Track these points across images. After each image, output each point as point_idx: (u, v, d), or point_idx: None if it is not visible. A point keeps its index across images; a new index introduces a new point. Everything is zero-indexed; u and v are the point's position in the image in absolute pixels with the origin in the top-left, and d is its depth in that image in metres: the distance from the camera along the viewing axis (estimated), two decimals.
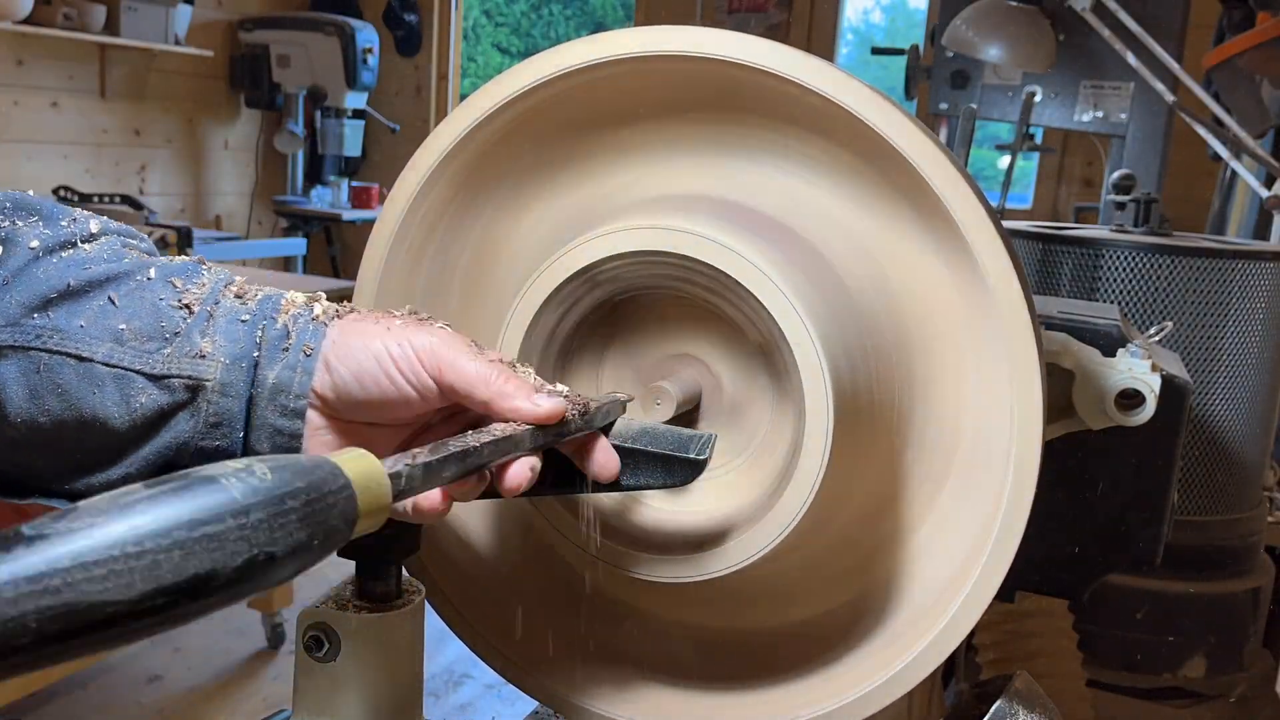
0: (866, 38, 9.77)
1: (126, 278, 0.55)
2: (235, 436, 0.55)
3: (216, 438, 0.55)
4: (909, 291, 0.66)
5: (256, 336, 0.55)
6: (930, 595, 0.65)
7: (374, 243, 0.72)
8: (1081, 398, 0.75)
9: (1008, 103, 2.54)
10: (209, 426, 0.54)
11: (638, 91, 0.68)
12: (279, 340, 0.55)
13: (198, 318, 0.55)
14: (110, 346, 0.53)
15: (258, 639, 2.83)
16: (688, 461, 0.58)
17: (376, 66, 5.09)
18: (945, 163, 0.60)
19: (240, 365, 0.54)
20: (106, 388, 0.53)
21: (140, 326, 0.54)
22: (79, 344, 0.53)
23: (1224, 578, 1.15)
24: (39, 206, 0.57)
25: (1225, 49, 1.97)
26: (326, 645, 0.62)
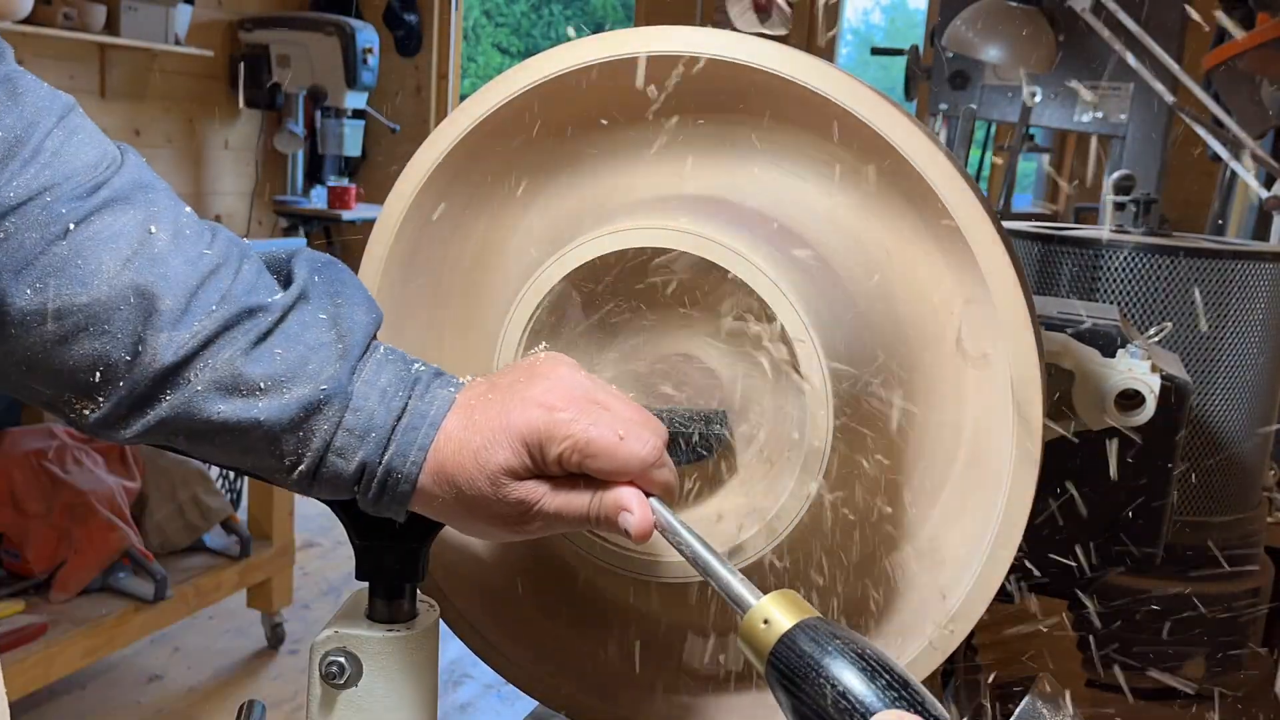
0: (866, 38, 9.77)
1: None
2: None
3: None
4: (909, 291, 0.66)
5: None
6: (930, 595, 0.65)
7: (374, 243, 0.72)
8: (1081, 398, 0.75)
9: (1008, 103, 2.54)
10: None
11: (639, 91, 0.68)
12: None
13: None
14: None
15: (258, 639, 2.83)
16: (709, 437, 0.62)
17: (376, 66, 5.08)
18: (945, 163, 0.60)
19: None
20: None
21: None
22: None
23: (1224, 578, 1.15)
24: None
25: (1225, 49, 1.97)
26: (348, 671, 0.61)
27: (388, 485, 0.58)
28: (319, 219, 5.11)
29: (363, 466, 0.58)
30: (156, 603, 2.39)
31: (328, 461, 0.58)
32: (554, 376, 0.58)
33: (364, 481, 0.58)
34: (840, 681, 0.45)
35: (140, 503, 2.55)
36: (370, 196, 5.24)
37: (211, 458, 0.60)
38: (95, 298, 0.54)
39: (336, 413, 0.57)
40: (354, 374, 0.58)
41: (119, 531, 2.36)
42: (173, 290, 0.55)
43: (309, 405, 0.56)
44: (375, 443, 0.58)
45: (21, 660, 2.13)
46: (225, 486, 2.90)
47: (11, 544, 2.34)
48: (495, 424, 0.57)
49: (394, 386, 0.59)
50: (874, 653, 0.46)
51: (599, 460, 0.56)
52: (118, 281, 0.54)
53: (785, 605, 0.50)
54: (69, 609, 2.31)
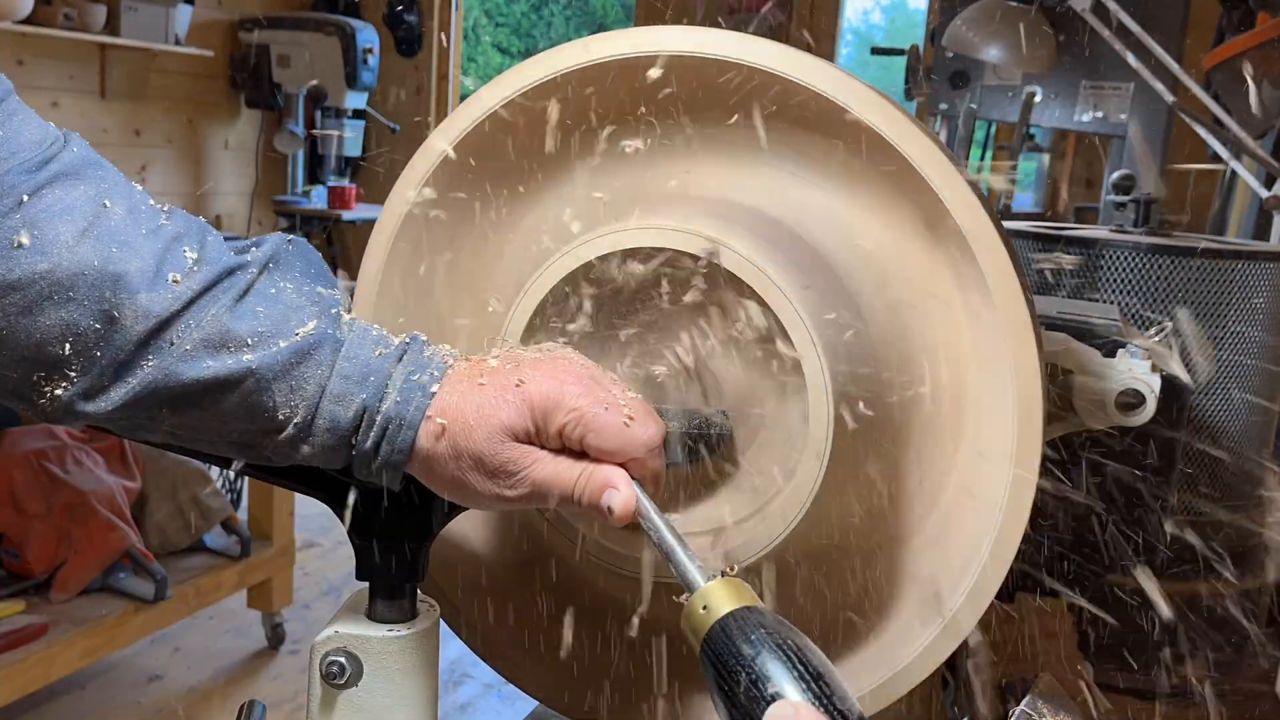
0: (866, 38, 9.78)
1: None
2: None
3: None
4: (909, 291, 0.66)
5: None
6: (930, 595, 0.65)
7: (375, 243, 0.72)
8: (1081, 398, 0.75)
9: (1008, 103, 2.54)
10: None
11: (639, 90, 0.68)
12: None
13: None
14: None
15: (258, 639, 2.83)
16: (711, 437, 0.63)
17: (376, 66, 5.09)
18: (945, 163, 0.60)
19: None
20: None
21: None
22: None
23: (1224, 578, 1.15)
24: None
25: (1225, 49, 1.97)
26: (348, 671, 0.61)
27: (388, 433, 0.57)
28: (319, 219, 5.11)
29: (362, 411, 0.56)
30: (156, 603, 2.39)
31: (323, 410, 0.56)
32: (565, 359, 0.60)
33: (362, 430, 0.57)
34: (755, 669, 0.47)
35: (140, 503, 2.55)
36: (370, 197, 5.24)
37: (194, 431, 0.58)
38: (56, 264, 0.53)
39: (329, 357, 0.57)
40: (340, 326, 0.58)
41: (119, 531, 2.36)
42: (139, 255, 0.55)
43: (300, 351, 0.56)
44: (375, 387, 0.57)
45: (21, 660, 2.13)
46: (225, 486, 2.91)
47: (11, 544, 2.34)
48: (504, 383, 0.57)
49: (384, 339, 0.59)
50: (796, 644, 0.48)
51: (602, 436, 0.56)
52: (77, 251, 0.54)
53: (726, 593, 0.52)
54: (69, 609, 2.31)
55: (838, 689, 0.46)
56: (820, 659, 0.48)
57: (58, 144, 0.58)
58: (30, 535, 2.32)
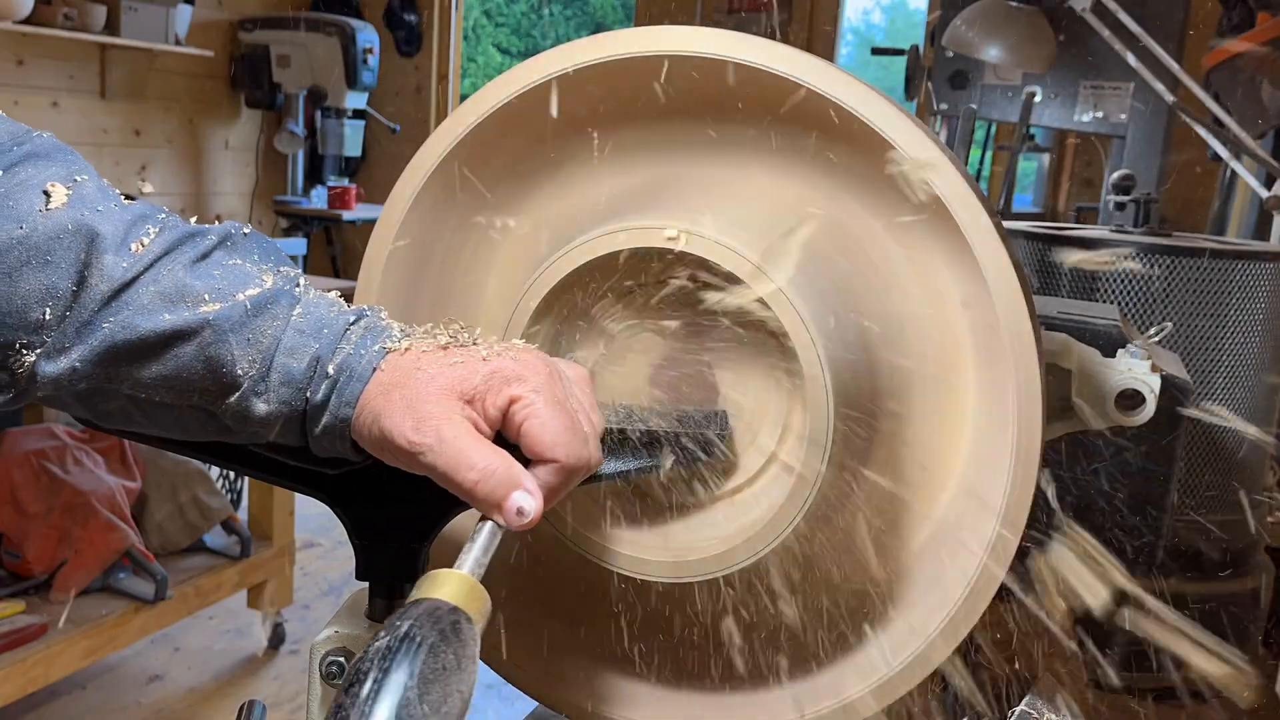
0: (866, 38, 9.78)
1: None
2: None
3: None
4: (909, 293, 0.66)
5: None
6: (930, 596, 0.65)
7: (375, 243, 0.72)
8: (1081, 398, 0.75)
9: (1008, 103, 2.54)
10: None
11: (638, 91, 0.68)
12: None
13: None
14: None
15: (258, 639, 2.83)
16: (708, 438, 0.63)
17: (376, 66, 5.09)
18: (945, 163, 0.60)
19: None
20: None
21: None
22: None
23: (1224, 578, 1.15)
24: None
25: (1225, 49, 1.97)
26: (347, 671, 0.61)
27: (338, 384, 0.57)
28: (319, 219, 5.11)
29: (315, 361, 0.57)
30: (156, 603, 2.39)
31: (277, 363, 0.57)
32: (533, 352, 0.59)
33: (314, 383, 0.57)
34: (377, 663, 0.42)
35: (140, 503, 2.55)
36: (370, 197, 5.24)
37: (154, 394, 0.58)
38: (33, 229, 0.55)
39: (285, 312, 0.57)
40: (297, 287, 0.59)
41: (119, 531, 2.36)
42: (109, 221, 0.56)
43: (256, 305, 0.57)
44: (328, 339, 0.57)
45: (21, 660, 2.13)
46: (225, 487, 2.91)
47: (12, 544, 2.34)
48: (468, 349, 0.57)
49: (340, 304, 0.60)
50: (429, 669, 0.43)
51: (546, 429, 0.55)
52: (52, 215, 0.56)
53: (455, 586, 0.48)
54: (69, 609, 2.31)
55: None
56: (441, 707, 0.42)
57: (29, 133, 0.60)
58: (30, 535, 2.32)
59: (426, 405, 0.55)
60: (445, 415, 0.55)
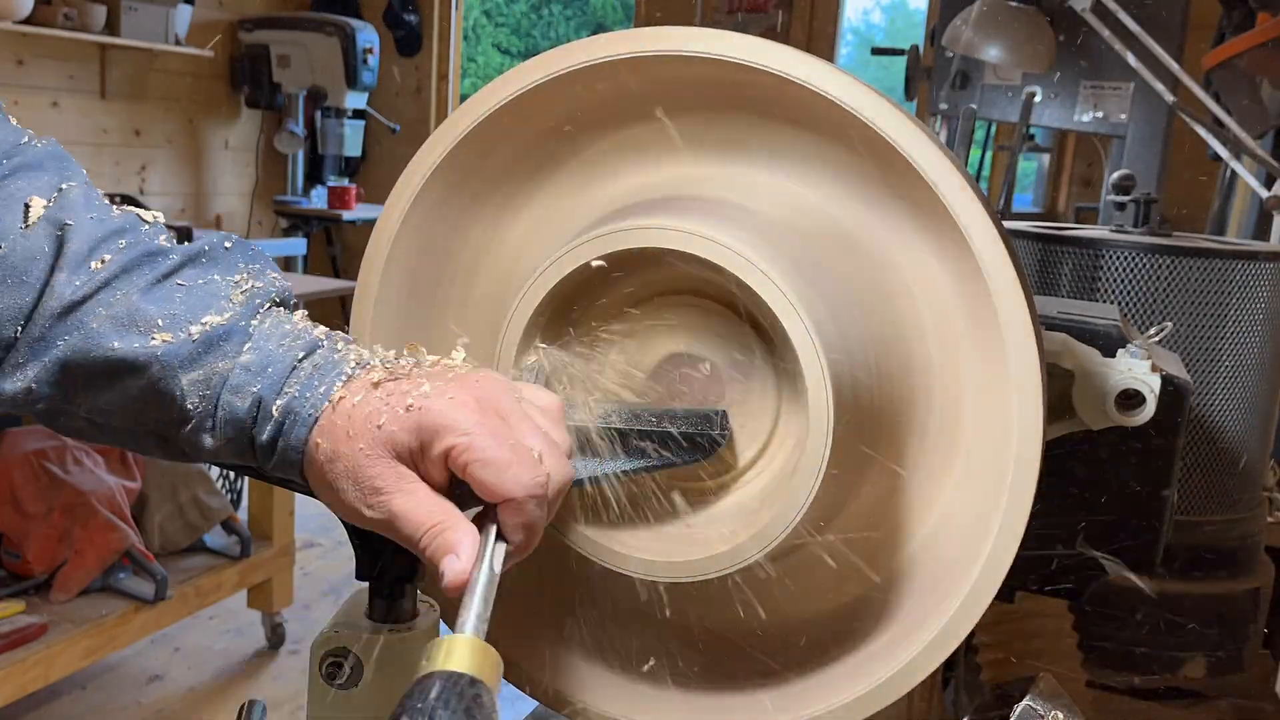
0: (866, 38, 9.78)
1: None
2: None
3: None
4: (909, 292, 0.66)
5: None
6: (930, 595, 0.65)
7: (375, 243, 0.72)
8: (1081, 398, 0.75)
9: (1008, 103, 2.54)
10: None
11: (640, 91, 0.68)
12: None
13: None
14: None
15: (258, 639, 2.83)
16: (710, 438, 0.63)
17: (376, 66, 5.09)
18: (946, 162, 0.60)
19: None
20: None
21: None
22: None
23: (1224, 578, 1.15)
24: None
25: (1225, 49, 1.97)
26: (348, 671, 0.61)
27: (284, 427, 0.56)
28: (319, 219, 5.11)
29: (258, 402, 0.56)
30: (157, 603, 2.39)
31: (223, 401, 0.57)
32: (481, 381, 0.57)
33: (259, 423, 0.57)
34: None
35: (140, 503, 2.55)
36: (370, 197, 5.24)
37: (110, 418, 0.59)
38: (11, 249, 0.56)
39: (234, 350, 0.57)
40: (255, 318, 0.58)
41: (119, 531, 2.36)
42: (77, 237, 0.57)
43: (207, 341, 0.56)
44: (272, 379, 0.57)
45: (21, 660, 2.13)
46: (225, 487, 2.91)
47: (12, 544, 2.34)
48: (401, 396, 0.56)
49: (297, 335, 0.59)
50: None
51: (486, 469, 0.53)
52: (30, 236, 0.57)
53: (467, 654, 0.48)
54: (69, 609, 2.31)
55: None
56: None
57: (25, 143, 0.60)
58: (30, 535, 2.32)
59: (369, 476, 0.55)
60: (395, 487, 0.54)
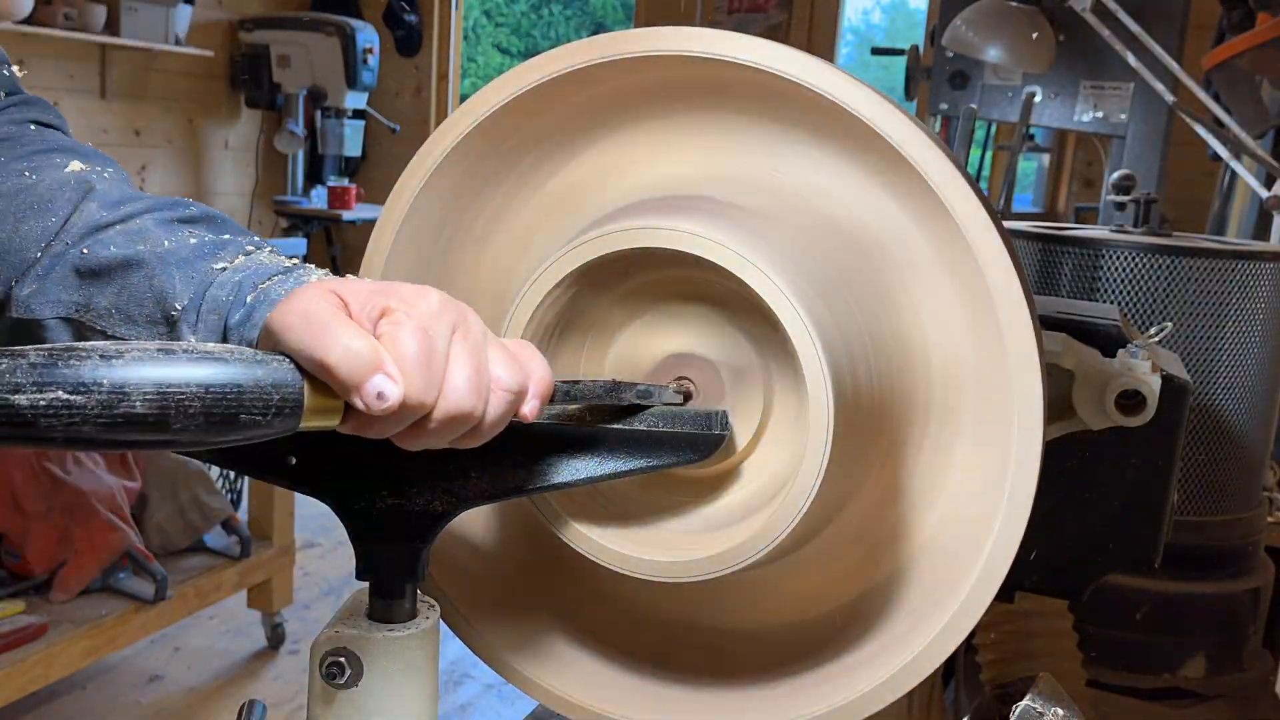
0: (866, 38, 9.79)
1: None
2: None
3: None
4: (908, 292, 0.66)
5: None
6: (930, 595, 0.65)
7: (375, 243, 0.72)
8: (1081, 398, 0.76)
9: (1008, 103, 2.54)
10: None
11: (640, 91, 0.68)
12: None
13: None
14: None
15: (258, 639, 2.83)
16: (710, 438, 0.63)
17: (376, 66, 5.09)
18: (946, 162, 0.60)
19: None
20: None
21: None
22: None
23: (1224, 578, 1.15)
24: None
25: (1225, 49, 1.97)
26: (349, 671, 0.61)
27: (252, 309, 0.60)
28: (319, 219, 5.11)
29: (236, 288, 0.61)
30: (157, 603, 2.38)
31: (209, 296, 0.61)
32: (440, 295, 0.55)
33: (233, 307, 0.61)
34: None
35: (141, 503, 2.55)
36: (370, 197, 5.24)
37: (108, 326, 0.63)
38: (41, 180, 0.64)
39: (229, 256, 0.63)
40: (253, 249, 0.64)
41: (119, 531, 2.36)
42: (108, 181, 0.65)
43: (203, 246, 0.63)
44: (253, 274, 0.62)
45: (21, 660, 2.13)
46: (225, 487, 2.90)
47: (12, 544, 2.34)
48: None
49: (289, 261, 0.64)
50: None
51: (390, 349, 0.50)
52: (64, 169, 0.65)
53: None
54: (69, 609, 2.31)
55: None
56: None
57: (77, 145, 0.71)
58: (30, 535, 2.32)
59: (303, 298, 0.52)
60: (315, 296, 0.51)
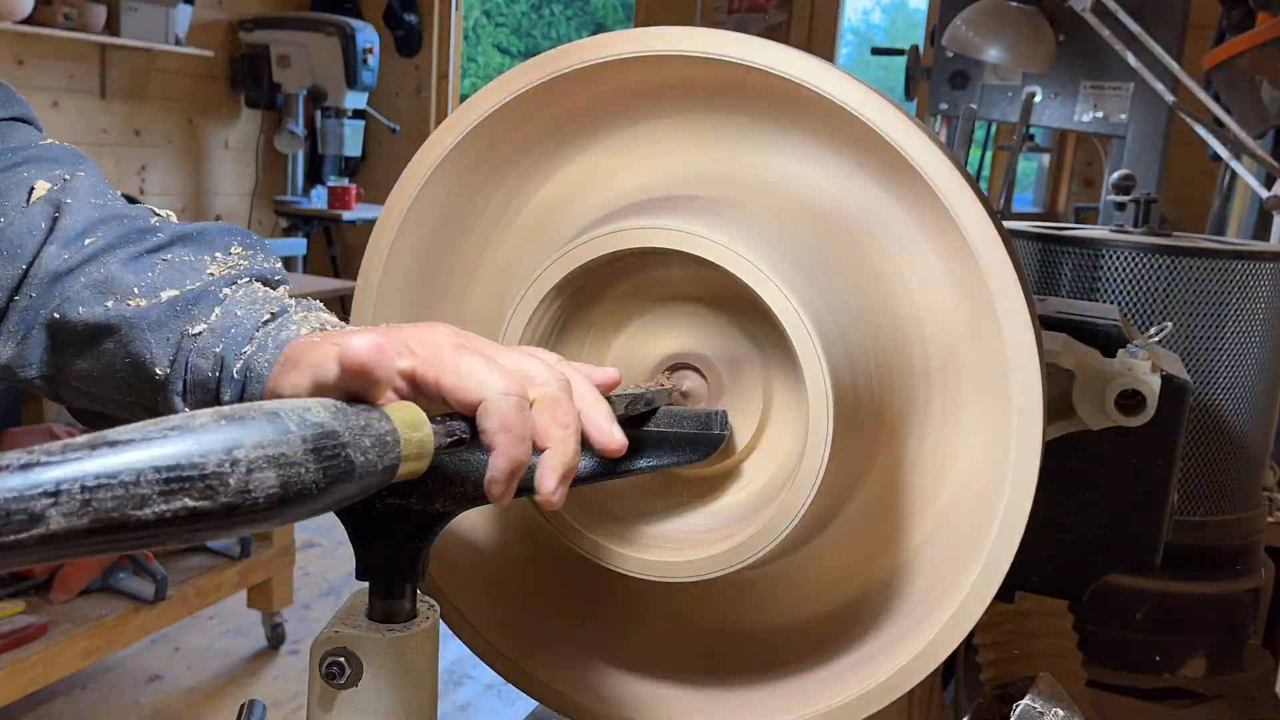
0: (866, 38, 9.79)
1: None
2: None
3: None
4: (908, 292, 0.66)
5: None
6: (930, 595, 0.65)
7: (375, 243, 0.72)
8: (1081, 398, 0.75)
9: (1008, 103, 2.54)
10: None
11: (641, 91, 0.68)
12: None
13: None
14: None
15: (258, 639, 2.83)
16: (710, 438, 0.63)
17: (376, 66, 5.08)
18: (946, 162, 0.60)
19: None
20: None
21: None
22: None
23: (1224, 578, 1.15)
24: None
25: (1225, 49, 1.97)
26: (349, 671, 0.61)
27: (246, 386, 0.57)
28: (319, 219, 5.11)
29: (219, 362, 0.57)
30: (156, 603, 2.38)
31: (191, 364, 0.58)
32: (439, 326, 0.56)
33: (223, 384, 0.57)
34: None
35: None
36: (370, 197, 5.24)
37: (95, 385, 0.60)
38: (10, 224, 0.59)
39: (203, 314, 0.58)
40: (230, 288, 0.60)
41: None
42: (74, 215, 0.60)
43: (175, 305, 0.58)
44: (234, 339, 0.57)
45: (21, 660, 2.13)
46: None
47: None
48: (361, 330, 0.56)
49: (267, 301, 0.59)
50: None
51: (455, 374, 0.50)
52: (30, 211, 0.60)
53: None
54: (69, 609, 2.31)
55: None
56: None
57: (48, 142, 0.64)
58: None
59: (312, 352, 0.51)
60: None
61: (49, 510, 0.31)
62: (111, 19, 4.37)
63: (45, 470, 0.32)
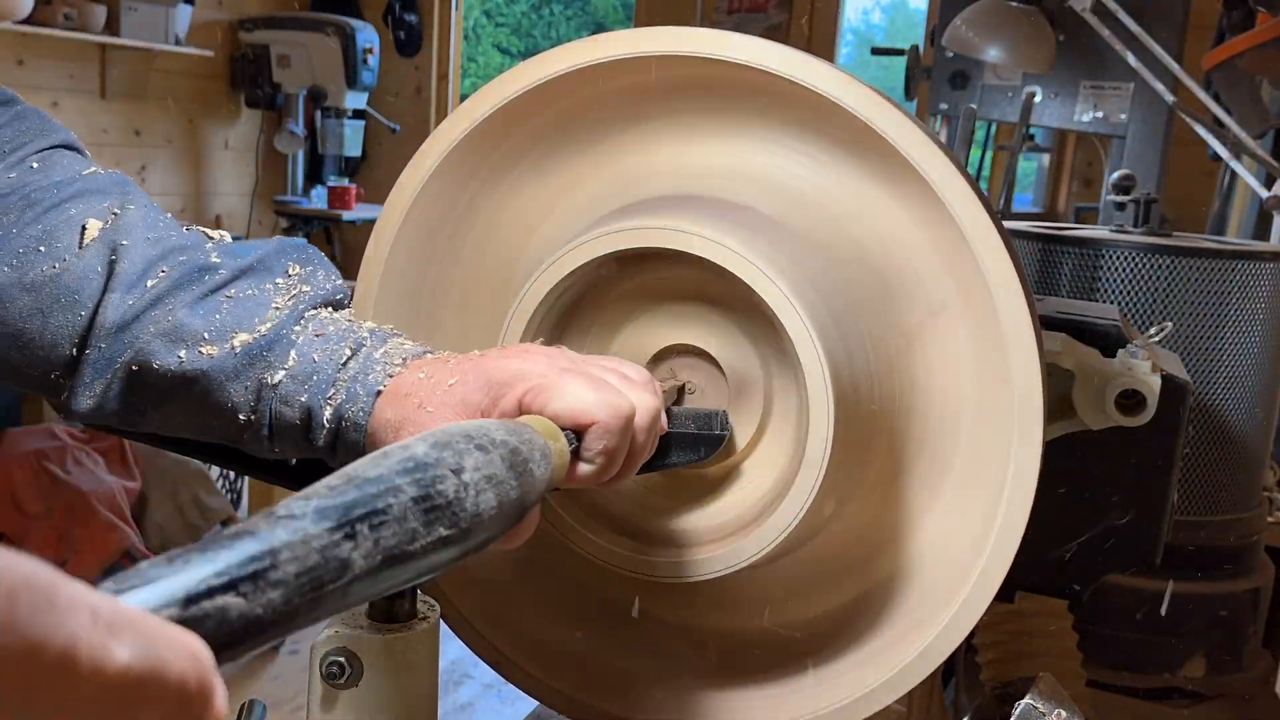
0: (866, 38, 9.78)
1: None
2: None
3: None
4: (908, 292, 0.66)
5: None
6: (930, 595, 0.65)
7: (376, 243, 0.72)
8: (1081, 398, 0.75)
9: (1008, 103, 2.54)
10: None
11: (641, 90, 0.68)
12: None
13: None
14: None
15: None
16: (711, 437, 0.63)
17: (376, 66, 5.08)
18: (946, 163, 0.60)
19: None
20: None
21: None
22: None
23: (1224, 578, 1.15)
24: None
25: (1225, 49, 1.97)
26: (349, 671, 0.61)
27: (340, 434, 0.57)
28: (319, 219, 5.10)
29: (307, 411, 0.57)
30: None
31: (275, 411, 0.58)
32: (530, 346, 0.59)
33: (314, 431, 0.57)
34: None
35: (141, 503, 2.55)
36: (370, 197, 5.23)
37: (176, 426, 0.60)
38: (65, 269, 0.57)
39: (279, 359, 0.58)
40: (300, 324, 0.59)
41: (119, 532, 2.36)
42: (132, 256, 0.58)
43: (249, 353, 0.57)
44: (318, 387, 0.57)
45: None
46: (225, 487, 2.90)
47: (12, 544, 2.32)
48: (469, 366, 0.56)
49: (341, 337, 0.59)
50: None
51: (563, 399, 0.53)
52: (85, 254, 0.58)
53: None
54: None
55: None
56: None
57: (92, 171, 0.62)
58: (30, 535, 2.32)
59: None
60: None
61: (352, 554, 0.34)
62: (111, 19, 4.37)
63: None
